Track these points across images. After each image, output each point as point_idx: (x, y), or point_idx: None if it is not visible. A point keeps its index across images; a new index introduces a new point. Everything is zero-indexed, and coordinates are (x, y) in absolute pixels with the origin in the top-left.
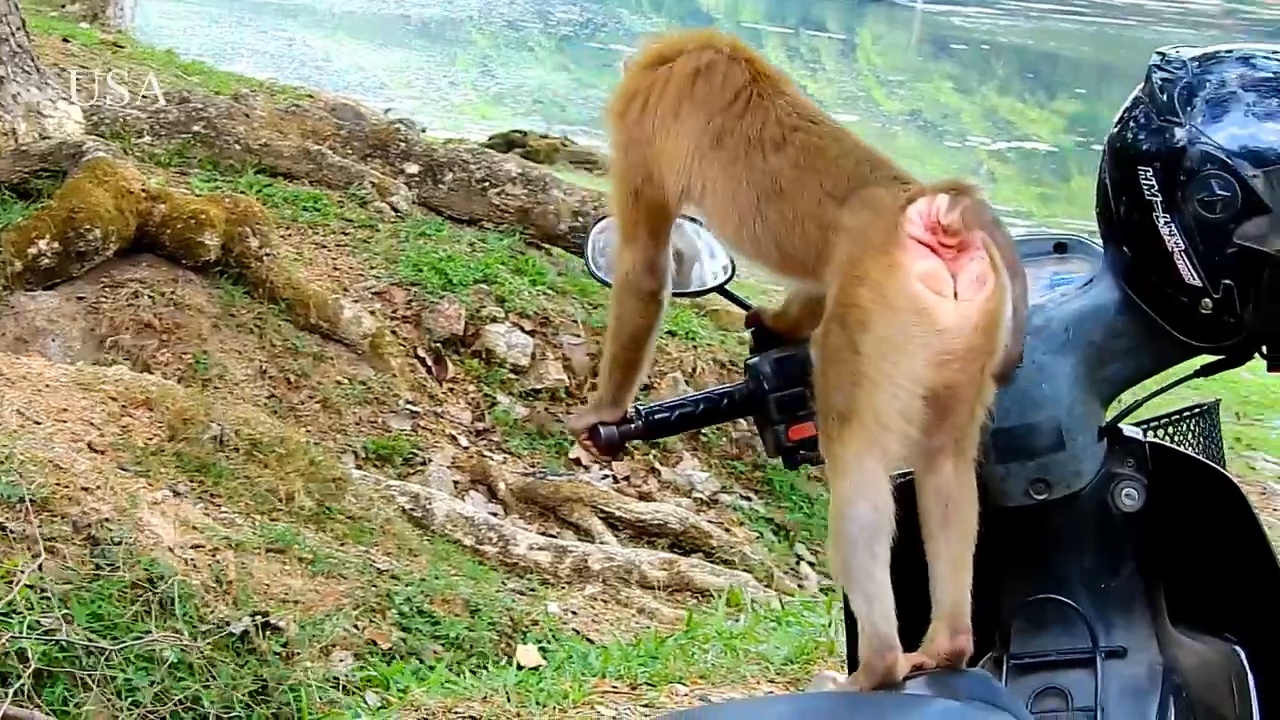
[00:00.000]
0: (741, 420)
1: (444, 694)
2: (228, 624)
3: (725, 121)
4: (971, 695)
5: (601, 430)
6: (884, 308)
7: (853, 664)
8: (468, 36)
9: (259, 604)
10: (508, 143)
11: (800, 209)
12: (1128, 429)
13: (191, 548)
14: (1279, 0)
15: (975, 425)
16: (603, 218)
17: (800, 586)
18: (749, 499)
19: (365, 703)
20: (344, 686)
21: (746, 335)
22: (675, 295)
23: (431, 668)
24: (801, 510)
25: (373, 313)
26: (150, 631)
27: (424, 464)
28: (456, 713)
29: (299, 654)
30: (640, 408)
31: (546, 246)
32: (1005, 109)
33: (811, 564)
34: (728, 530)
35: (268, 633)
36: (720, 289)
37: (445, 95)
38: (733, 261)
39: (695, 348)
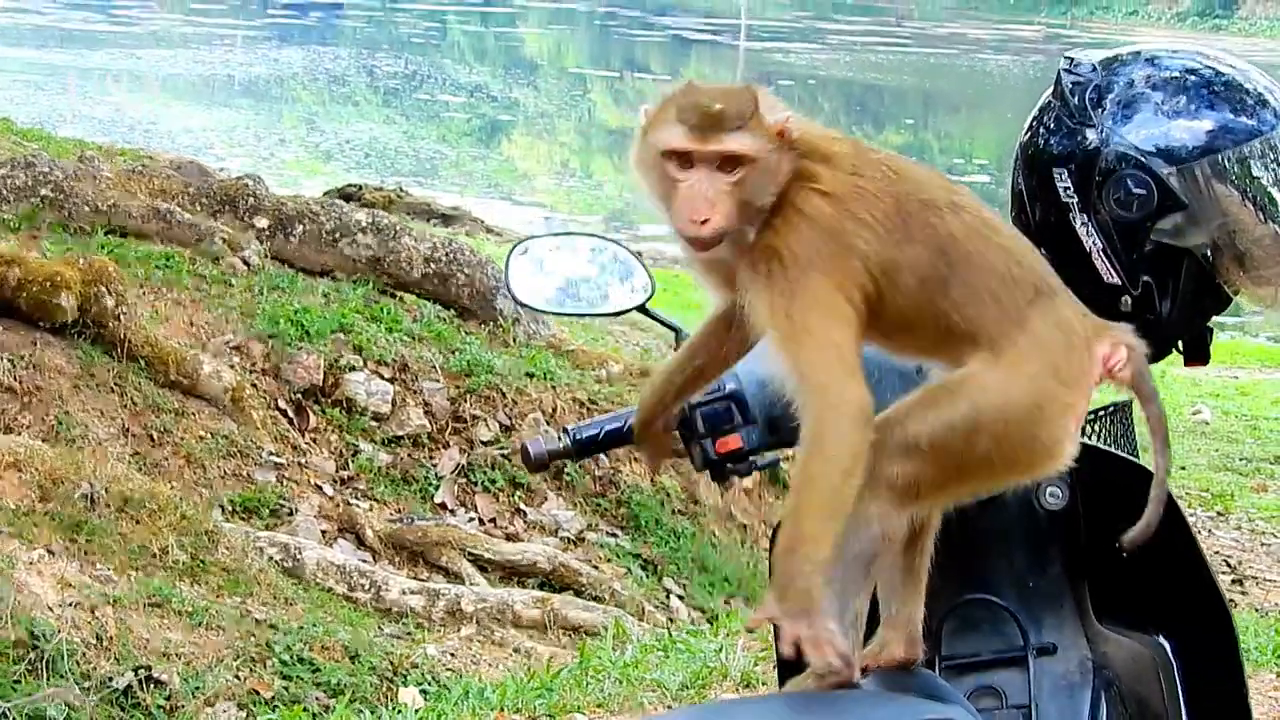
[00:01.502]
0: (604, 457)
1: None
2: (111, 680)
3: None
4: (922, 693)
5: (531, 449)
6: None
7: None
8: (293, 94)
9: (140, 658)
10: (344, 196)
11: (985, 283)
12: None
13: (70, 605)
14: (1101, 25)
15: None
16: (521, 241)
17: (670, 620)
18: (615, 535)
19: None
20: None
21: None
22: (598, 315)
23: (315, 715)
24: (668, 544)
25: (232, 367)
26: (39, 689)
27: (291, 514)
28: None
29: (183, 706)
30: (567, 428)
31: (400, 294)
32: None
33: (680, 597)
34: (596, 567)
35: (151, 686)
36: (642, 308)
37: (274, 153)
38: (653, 280)
39: (554, 388)
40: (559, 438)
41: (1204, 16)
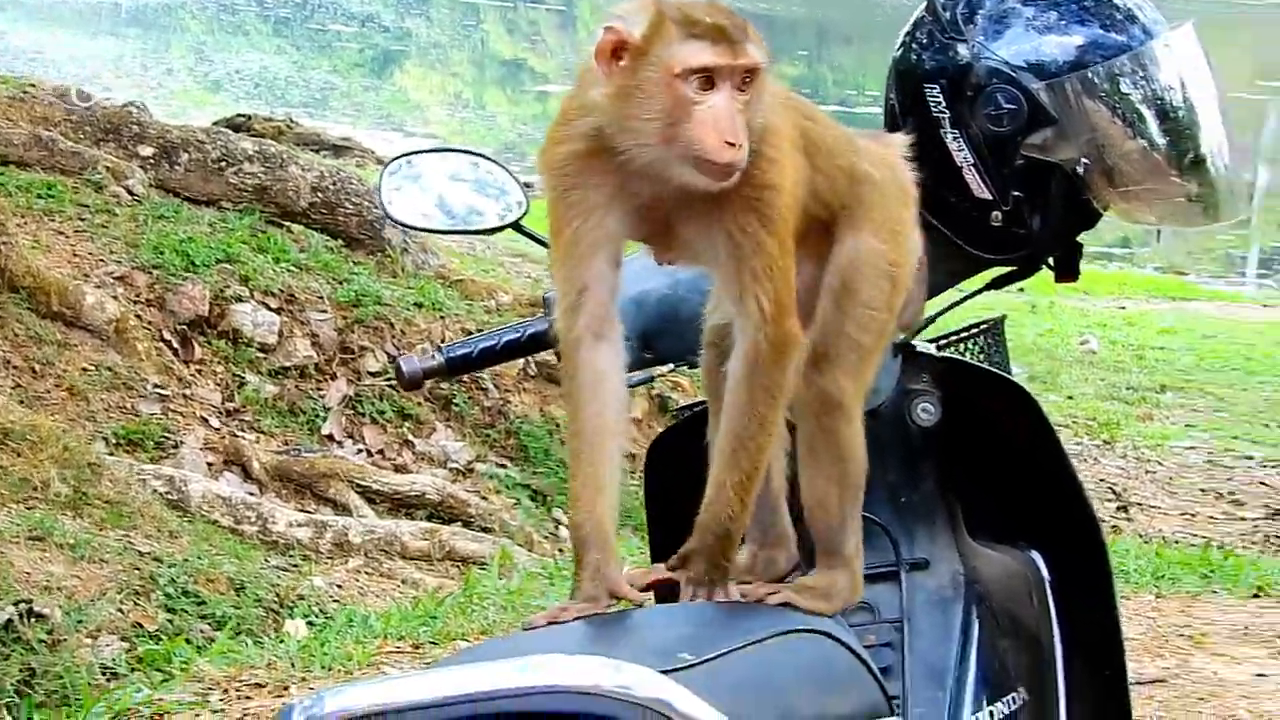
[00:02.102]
0: (493, 387)
1: (227, 663)
2: None
3: None
4: None
5: (405, 366)
6: (909, 265)
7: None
8: (182, 23)
9: (22, 592)
10: (232, 127)
11: (833, 160)
12: (921, 346)
13: None
14: None
15: None
16: (396, 159)
17: (561, 551)
18: (504, 466)
19: (148, 678)
20: (115, 670)
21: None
22: (472, 232)
23: (200, 648)
24: (557, 475)
25: (115, 298)
26: None
27: (176, 447)
28: (241, 681)
29: (65, 640)
30: (442, 346)
31: (287, 224)
32: None
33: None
34: (485, 498)
35: (32, 620)
36: (516, 225)
37: (162, 82)
38: (527, 198)
39: (443, 318)
40: (434, 356)
41: None
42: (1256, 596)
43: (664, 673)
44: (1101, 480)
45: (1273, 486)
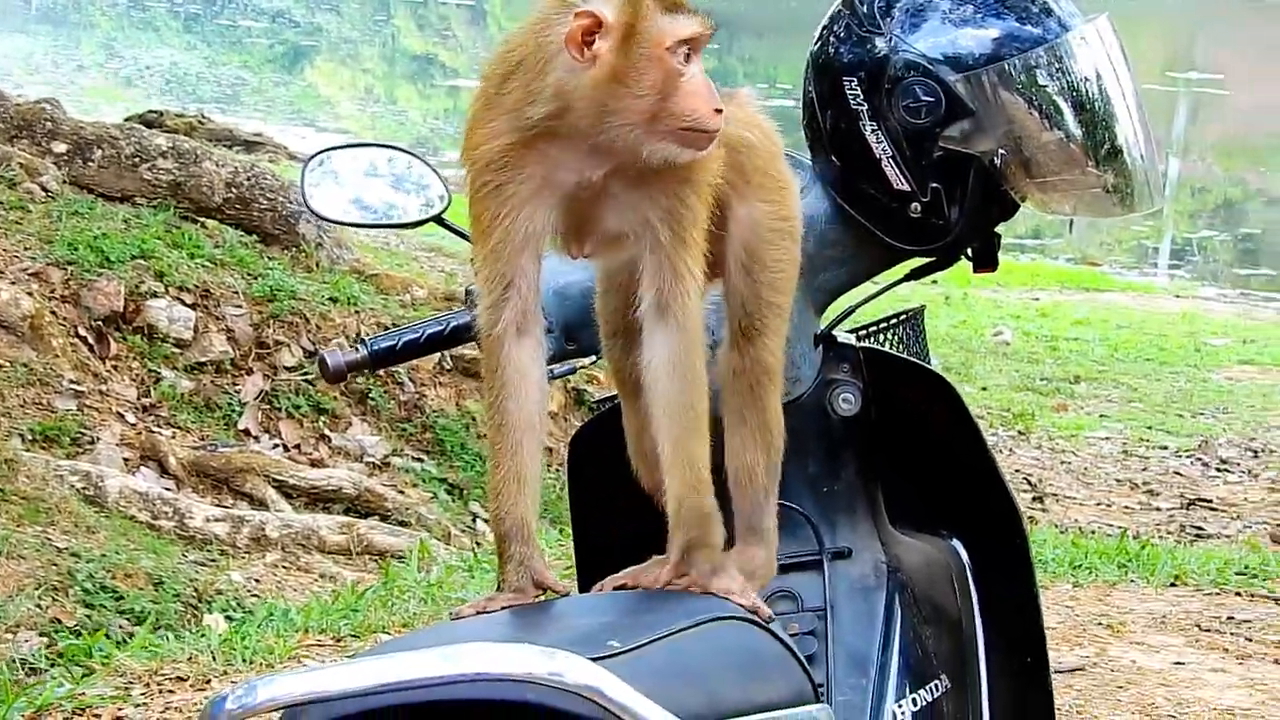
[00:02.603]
0: (409, 381)
1: (148, 657)
2: None
3: None
4: None
5: (329, 360)
6: (798, 215)
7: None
8: (92, 19)
9: None
10: (145, 123)
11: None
12: (841, 335)
13: None
14: None
15: None
16: (317, 153)
17: (478, 545)
18: (421, 460)
19: (69, 673)
20: (35, 665)
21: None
22: (394, 226)
23: (120, 643)
24: (474, 469)
25: (30, 294)
26: None
27: (92, 443)
28: (163, 674)
29: None
30: (364, 339)
31: (202, 220)
32: None
33: (486, 520)
34: (402, 492)
35: None
36: (438, 219)
37: (73, 79)
38: (449, 191)
39: (358, 313)
40: (356, 349)
41: None
42: (1173, 585)
43: (594, 660)
44: (1017, 471)
45: (1187, 476)
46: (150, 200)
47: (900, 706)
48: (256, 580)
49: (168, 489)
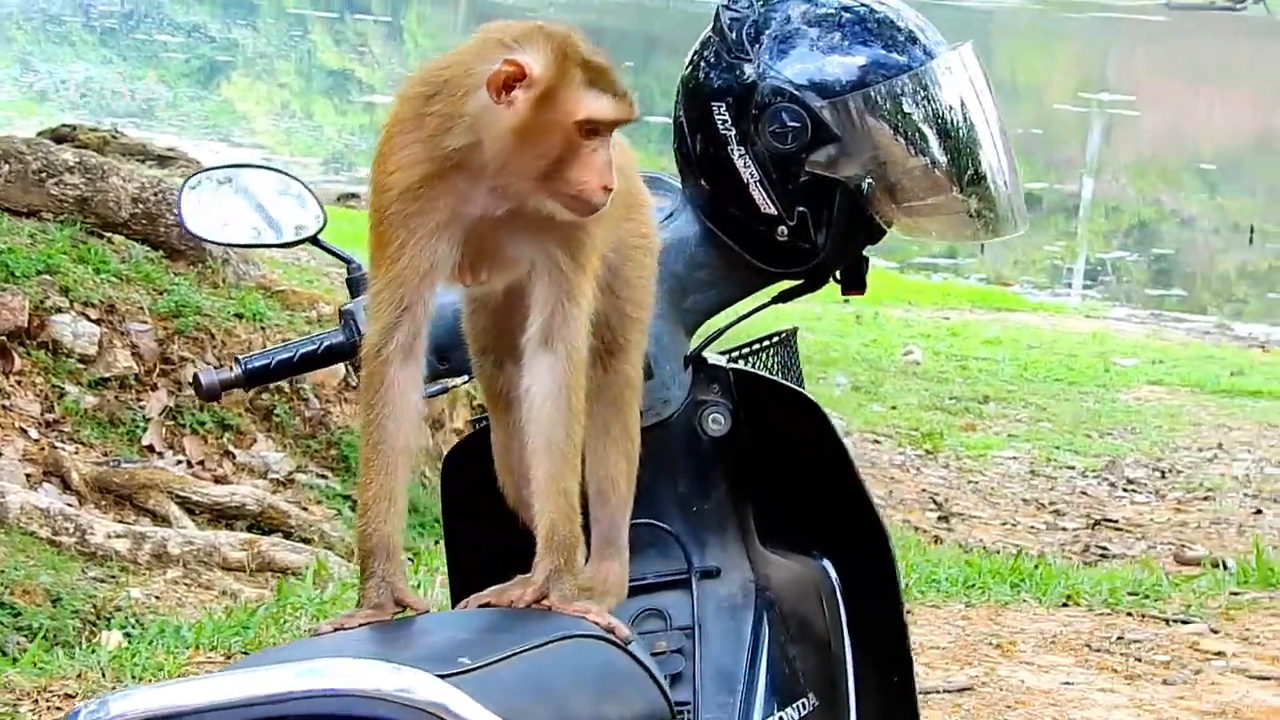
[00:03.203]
0: (314, 398)
1: (37, 674)
2: None
3: None
4: None
5: (203, 378)
6: (655, 231)
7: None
8: (7, 33)
9: None
10: (57, 137)
11: None
12: (711, 357)
13: None
14: None
15: None
16: (194, 174)
17: None
18: (325, 477)
19: None
20: None
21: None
22: (270, 246)
23: (15, 659)
24: None
25: None
26: None
27: None
28: (51, 692)
29: None
30: (239, 358)
31: (108, 235)
32: None
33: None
34: (306, 509)
35: None
36: (313, 239)
37: None
38: (324, 211)
39: (264, 329)
40: (232, 368)
41: None
42: (1065, 605)
43: (443, 677)
44: (923, 490)
45: (1093, 496)
46: (57, 215)
47: None
48: (157, 597)
49: (70, 505)
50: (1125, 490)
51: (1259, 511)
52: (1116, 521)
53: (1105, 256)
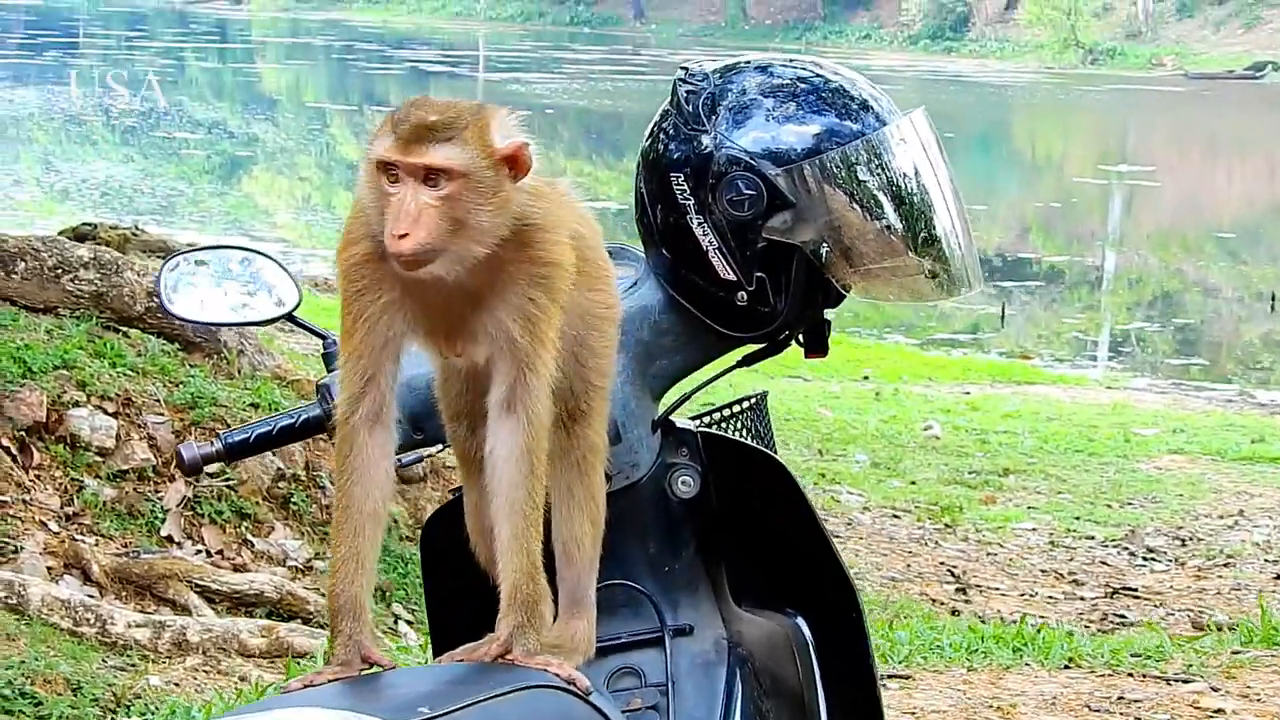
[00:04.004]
0: (328, 484)
1: None
2: None
3: None
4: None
5: (185, 453)
6: (618, 302)
7: None
8: (29, 134)
9: None
10: (78, 236)
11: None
12: (680, 421)
13: None
14: (835, 49)
15: None
16: (172, 257)
17: (398, 646)
18: None
19: None
20: None
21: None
22: (248, 324)
23: None
24: (396, 570)
25: None
26: None
27: (16, 552)
28: None
29: None
30: (220, 434)
31: (124, 329)
32: (574, 171)
33: (410, 622)
34: (324, 595)
35: None
36: (290, 316)
37: (9, 194)
38: (300, 289)
39: None
40: (213, 443)
41: (935, 39)
42: (1067, 668)
43: None
44: (941, 563)
45: (1113, 566)
46: (73, 311)
47: None
48: (176, 684)
49: (90, 596)
50: (1145, 559)
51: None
52: (1136, 590)
53: (1128, 327)
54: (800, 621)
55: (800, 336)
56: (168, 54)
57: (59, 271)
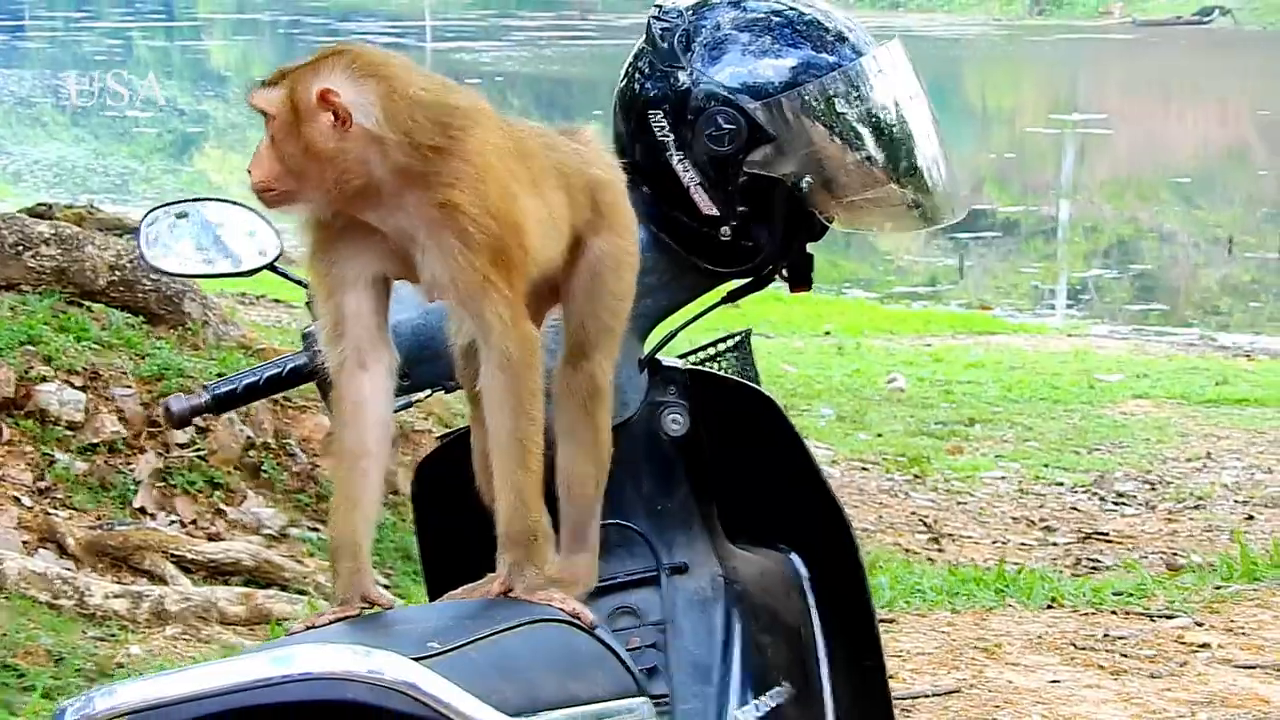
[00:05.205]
0: (301, 453)
1: None
2: None
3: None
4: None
5: (172, 405)
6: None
7: None
8: None
9: None
10: (34, 216)
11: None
12: (666, 360)
13: None
14: None
15: None
16: (152, 210)
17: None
18: (317, 529)
19: None
20: None
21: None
22: (229, 275)
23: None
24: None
25: None
26: None
27: None
28: None
29: None
30: (207, 385)
31: (87, 303)
32: None
33: (386, 586)
34: (300, 562)
35: None
36: (271, 266)
37: None
38: (280, 239)
39: None
40: (199, 394)
41: None
42: (1050, 608)
43: (413, 659)
44: (913, 514)
45: (1084, 511)
46: (35, 287)
47: (743, 712)
48: (156, 654)
49: (67, 569)
50: (1115, 503)
51: (1250, 517)
52: (1108, 534)
53: (1085, 275)
54: (795, 557)
55: (784, 271)
56: (115, 34)
57: (20, 248)
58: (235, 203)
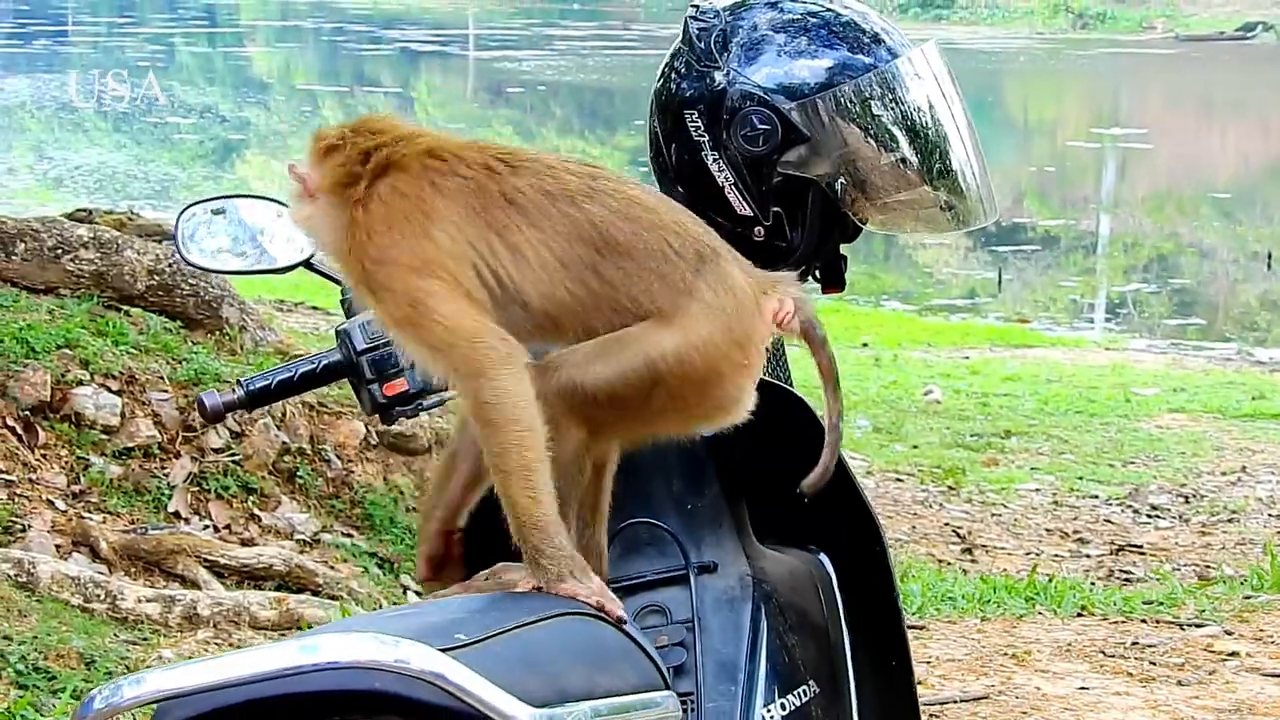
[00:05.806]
0: (335, 459)
1: None
2: None
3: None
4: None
5: (206, 401)
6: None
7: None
8: (21, 123)
9: None
10: (75, 221)
11: (644, 263)
12: None
13: None
14: None
15: None
16: (189, 206)
17: None
18: (350, 535)
19: None
20: None
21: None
22: (265, 272)
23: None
24: (403, 542)
25: None
26: None
27: (24, 530)
28: None
29: None
30: (241, 380)
31: (125, 308)
32: (567, 148)
33: (418, 593)
34: (333, 567)
35: None
36: (307, 264)
37: (4, 183)
38: None
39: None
40: (234, 390)
41: (925, 7)
42: (1080, 616)
43: (441, 650)
44: (946, 524)
45: (1117, 524)
46: (74, 291)
47: (769, 711)
48: (188, 657)
49: (100, 573)
50: (1149, 516)
51: None
52: (1141, 547)
53: (1124, 290)
54: (823, 558)
55: (817, 271)
56: (157, 40)
57: (59, 252)
58: (271, 199)
